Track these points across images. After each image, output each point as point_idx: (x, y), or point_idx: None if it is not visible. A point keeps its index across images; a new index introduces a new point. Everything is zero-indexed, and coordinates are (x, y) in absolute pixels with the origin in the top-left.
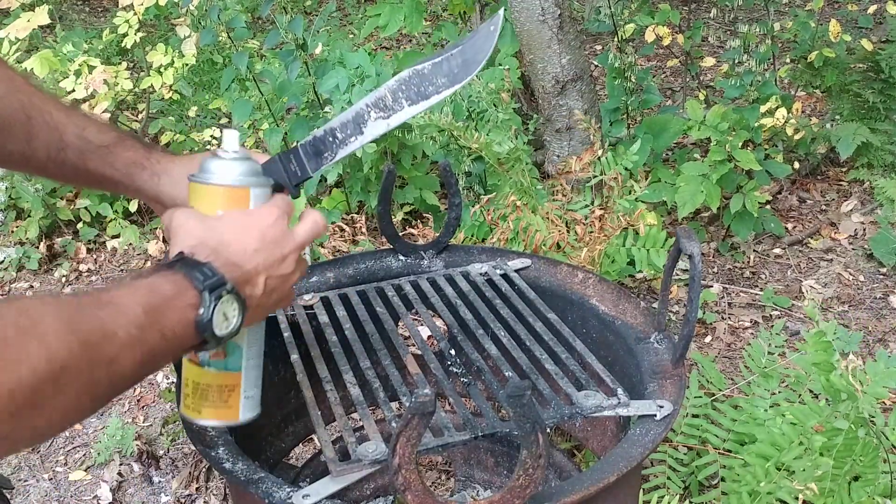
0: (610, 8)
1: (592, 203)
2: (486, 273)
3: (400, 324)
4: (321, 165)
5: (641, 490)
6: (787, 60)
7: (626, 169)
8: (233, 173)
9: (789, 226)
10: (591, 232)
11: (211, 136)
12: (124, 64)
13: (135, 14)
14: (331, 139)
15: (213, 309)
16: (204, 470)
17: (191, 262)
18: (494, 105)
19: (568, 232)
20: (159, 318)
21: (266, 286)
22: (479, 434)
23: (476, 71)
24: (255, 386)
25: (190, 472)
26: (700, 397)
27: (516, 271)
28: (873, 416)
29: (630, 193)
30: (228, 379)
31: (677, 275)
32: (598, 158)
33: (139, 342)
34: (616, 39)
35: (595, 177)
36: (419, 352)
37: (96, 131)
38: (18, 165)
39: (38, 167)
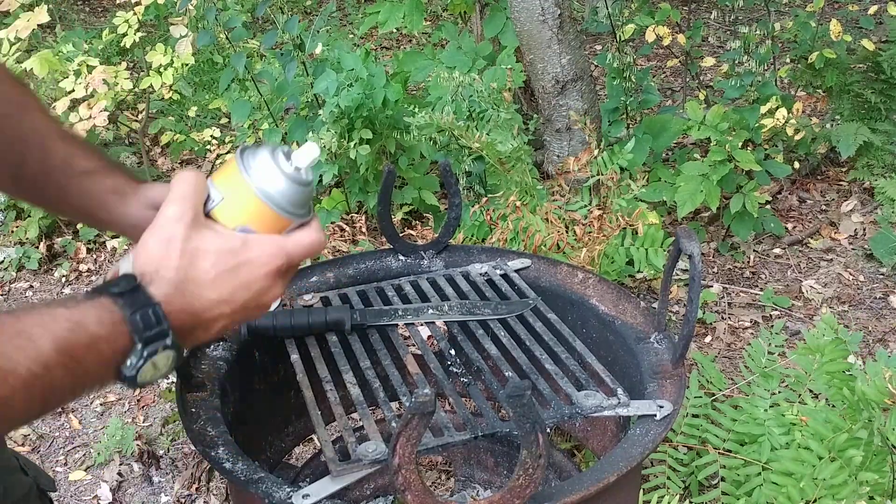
0: (608, 8)
1: (590, 203)
2: (486, 273)
3: (400, 324)
4: (378, 322)
5: (641, 490)
6: (788, 60)
7: (622, 168)
8: (290, 198)
9: (789, 226)
10: (591, 232)
11: (211, 136)
12: (124, 64)
13: (134, 14)
14: (393, 311)
15: (144, 362)
16: (206, 471)
17: (139, 300)
18: (496, 105)
19: (567, 232)
20: (73, 359)
21: (221, 330)
22: (479, 434)
23: (513, 313)
24: None
25: (192, 474)
26: (700, 397)
27: (516, 271)
28: (871, 417)
29: (627, 193)
30: None
31: (677, 275)
32: (595, 158)
33: (41, 380)
34: (615, 40)
35: (592, 177)
36: (419, 352)
37: (82, 157)
38: (9, 188)
39: (25, 190)
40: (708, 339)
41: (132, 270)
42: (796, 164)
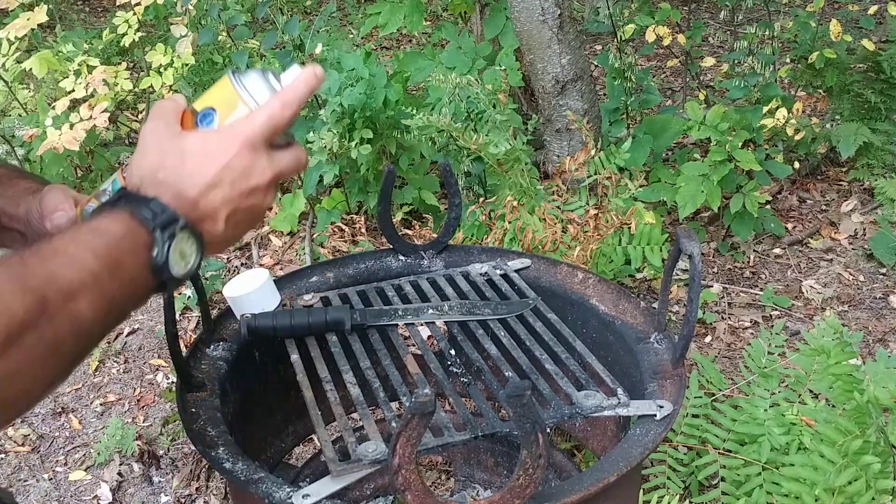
0: (609, 9)
1: (587, 203)
2: (486, 273)
3: (400, 324)
4: (378, 322)
5: (641, 490)
6: (788, 60)
7: (619, 168)
8: (248, 81)
9: (789, 226)
10: (586, 231)
11: None
12: (124, 64)
13: (134, 14)
14: (393, 311)
15: (168, 248)
16: (205, 470)
17: (136, 199)
18: (493, 106)
19: (564, 232)
20: (111, 262)
21: (229, 222)
22: (479, 434)
23: (513, 313)
24: None
25: (191, 471)
26: (700, 397)
27: (516, 271)
28: (882, 422)
29: (625, 192)
30: None
31: (677, 275)
32: (592, 158)
33: (95, 289)
34: (616, 40)
35: (590, 177)
36: (419, 352)
37: None
38: None
39: None
40: (708, 339)
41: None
42: (796, 164)
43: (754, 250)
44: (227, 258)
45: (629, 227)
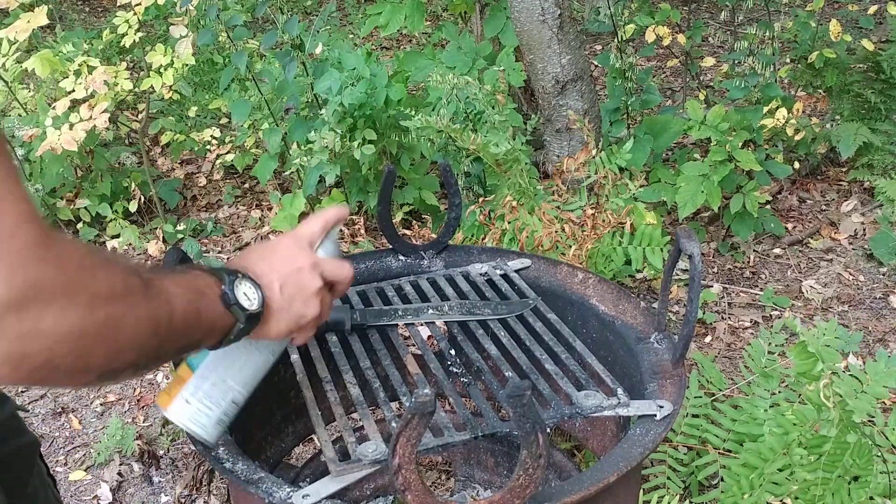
0: (609, 8)
1: (587, 203)
2: (486, 273)
3: (400, 324)
4: (378, 322)
5: (641, 490)
6: (788, 60)
7: (619, 168)
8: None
9: (789, 226)
10: (584, 231)
11: (211, 136)
12: (124, 64)
13: (134, 14)
14: (393, 312)
15: (233, 285)
16: (207, 471)
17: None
18: (492, 106)
19: (562, 232)
20: (195, 289)
21: (283, 291)
22: (479, 434)
23: (513, 313)
24: (205, 397)
25: (193, 476)
26: (700, 397)
27: (516, 271)
28: (873, 417)
29: (625, 192)
30: (182, 371)
31: (677, 275)
32: (593, 158)
33: (184, 299)
34: (616, 40)
35: (589, 177)
36: (419, 352)
37: None
38: None
39: None
40: (708, 339)
41: None
42: (796, 164)
43: (754, 250)
44: (227, 258)
45: (626, 227)
